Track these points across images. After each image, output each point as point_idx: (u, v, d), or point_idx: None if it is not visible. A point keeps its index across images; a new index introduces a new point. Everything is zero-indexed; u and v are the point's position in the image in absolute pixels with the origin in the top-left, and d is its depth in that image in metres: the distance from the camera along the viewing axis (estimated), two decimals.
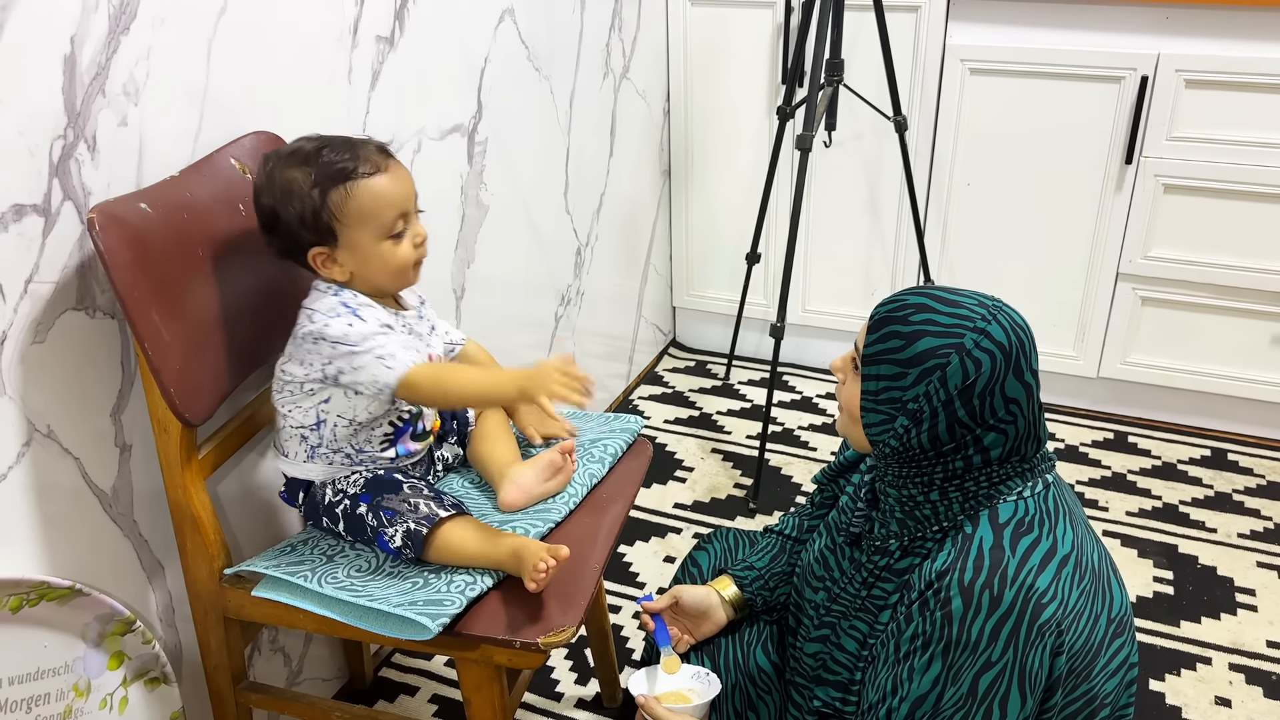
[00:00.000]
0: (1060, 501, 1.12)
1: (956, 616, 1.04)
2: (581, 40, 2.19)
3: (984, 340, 1.07)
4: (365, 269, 1.24)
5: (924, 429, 1.09)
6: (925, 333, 1.08)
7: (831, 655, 1.21)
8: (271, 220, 1.22)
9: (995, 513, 1.09)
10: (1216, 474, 2.35)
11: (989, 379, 1.07)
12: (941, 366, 1.07)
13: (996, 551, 1.06)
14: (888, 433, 1.11)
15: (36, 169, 1.12)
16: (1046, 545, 1.06)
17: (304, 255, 1.23)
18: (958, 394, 1.07)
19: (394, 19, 1.62)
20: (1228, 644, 1.87)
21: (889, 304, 1.12)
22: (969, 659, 1.04)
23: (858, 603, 1.19)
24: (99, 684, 1.27)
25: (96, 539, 1.27)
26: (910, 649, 1.08)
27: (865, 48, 2.37)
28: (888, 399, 1.10)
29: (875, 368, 1.10)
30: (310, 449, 1.30)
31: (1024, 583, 1.03)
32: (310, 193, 1.19)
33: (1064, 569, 1.06)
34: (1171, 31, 2.18)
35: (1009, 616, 1.02)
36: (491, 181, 1.96)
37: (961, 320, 1.08)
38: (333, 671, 1.76)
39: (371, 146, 1.23)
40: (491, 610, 1.21)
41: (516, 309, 2.15)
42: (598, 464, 1.46)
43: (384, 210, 1.21)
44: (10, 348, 1.13)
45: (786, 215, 2.61)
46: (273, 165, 1.22)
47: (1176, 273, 2.34)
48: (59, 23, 1.12)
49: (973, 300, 1.10)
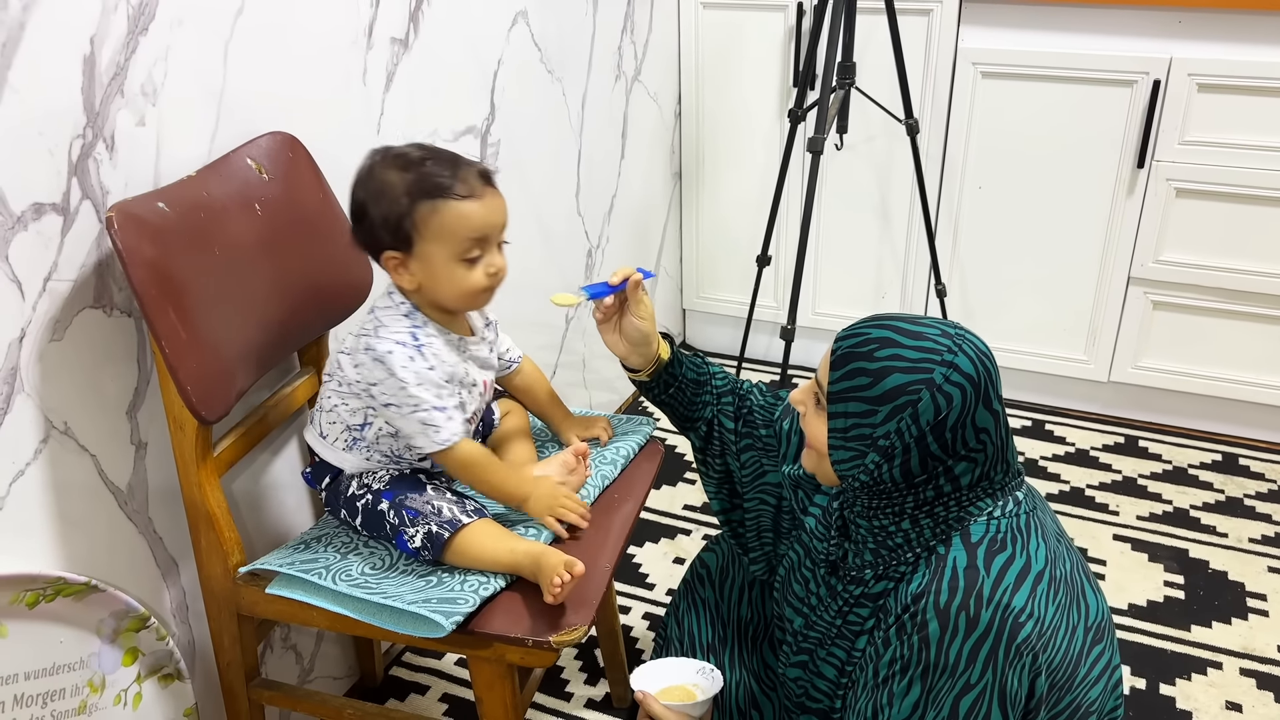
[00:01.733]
0: (1030, 516, 1.10)
1: (934, 639, 1.03)
2: (594, 43, 2.20)
3: (953, 374, 1.05)
4: (433, 284, 1.25)
5: (896, 464, 1.07)
6: (893, 369, 1.05)
7: (812, 684, 1.21)
8: (359, 212, 1.24)
9: (967, 533, 1.08)
10: (1228, 478, 2.34)
11: (960, 412, 1.05)
12: (913, 403, 1.04)
13: (971, 572, 1.04)
14: (857, 468, 1.09)
15: (56, 168, 1.13)
16: (1020, 562, 1.05)
17: (379, 254, 1.25)
18: (930, 429, 1.05)
19: (408, 21, 1.63)
20: (1239, 649, 1.87)
21: (850, 338, 1.09)
22: (948, 682, 1.03)
23: (834, 630, 1.18)
24: (113, 680, 1.27)
25: (112, 535, 1.28)
26: (889, 673, 1.07)
27: (877, 51, 2.37)
28: (857, 435, 1.08)
29: (843, 405, 1.08)
30: (352, 440, 1.32)
31: (1000, 602, 1.02)
32: (400, 199, 1.21)
33: (1039, 585, 1.05)
34: (1184, 35, 2.18)
35: (986, 637, 1.02)
36: (504, 183, 1.95)
37: (928, 354, 1.05)
38: (344, 670, 1.77)
39: (474, 170, 1.24)
40: (504, 609, 1.22)
41: (528, 310, 2.15)
42: (610, 465, 1.46)
43: (464, 233, 1.23)
44: (29, 345, 1.14)
45: (797, 218, 2.62)
46: (375, 161, 1.24)
47: (1188, 277, 2.33)
48: (79, 24, 1.13)
49: (936, 330, 1.08)
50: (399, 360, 1.23)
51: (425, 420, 1.24)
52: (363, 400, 1.28)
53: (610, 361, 2.55)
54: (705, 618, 1.46)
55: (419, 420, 1.24)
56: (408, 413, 1.24)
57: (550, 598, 1.19)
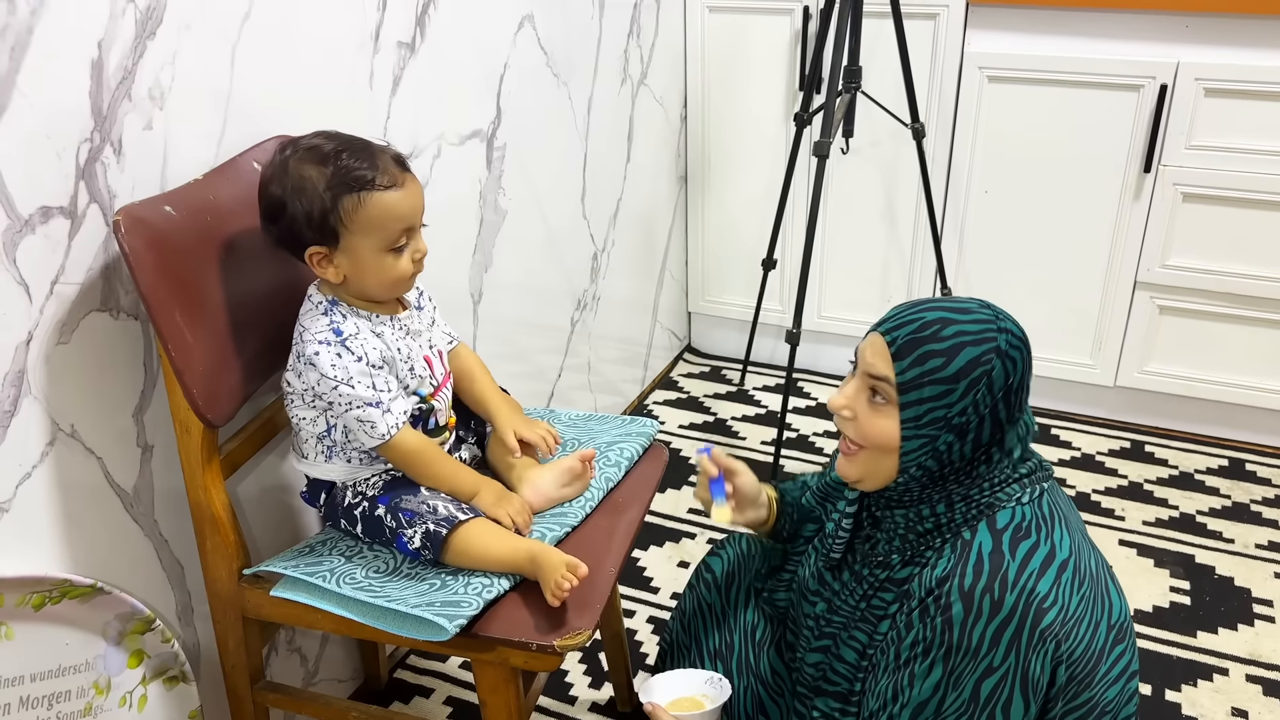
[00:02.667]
0: (1055, 508, 1.12)
1: (957, 621, 1.04)
2: (600, 46, 2.20)
3: (1011, 338, 1.08)
4: (360, 276, 1.24)
5: (969, 440, 1.08)
6: (964, 344, 1.06)
7: (831, 666, 1.21)
8: (276, 210, 1.22)
9: (993, 520, 1.09)
10: (1234, 484, 2.34)
11: (1022, 373, 1.08)
12: (987, 373, 1.06)
13: (996, 556, 1.05)
14: (927, 455, 1.09)
15: (63, 171, 1.14)
16: (1045, 550, 1.06)
17: (301, 250, 1.23)
18: (1001, 396, 1.07)
19: (415, 25, 1.63)
20: (1245, 655, 1.86)
21: (907, 325, 1.08)
22: (970, 664, 1.04)
23: (857, 614, 1.18)
24: (119, 682, 1.28)
25: (118, 538, 1.29)
26: (910, 655, 1.08)
27: (883, 54, 2.37)
28: (930, 420, 1.07)
29: (917, 392, 1.07)
30: (328, 449, 1.31)
31: (1025, 587, 1.03)
32: (322, 194, 1.19)
33: (1063, 574, 1.05)
34: (1191, 40, 2.17)
35: (1010, 621, 1.02)
36: (509, 187, 1.98)
37: (984, 324, 1.07)
38: (348, 672, 1.77)
39: (389, 157, 1.23)
40: (508, 612, 1.22)
41: (533, 313, 2.16)
42: (613, 468, 1.46)
43: (391, 224, 1.22)
44: (36, 348, 1.14)
45: (803, 222, 2.62)
46: (288, 156, 1.22)
47: (1195, 282, 2.33)
48: (87, 28, 1.13)
49: (973, 303, 1.10)
50: (325, 361, 1.23)
51: (360, 417, 1.24)
52: (315, 407, 1.28)
53: (615, 365, 2.56)
54: (711, 622, 1.46)
55: (355, 418, 1.24)
56: (343, 411, 1.24)
57: (553, 600, 1.19)
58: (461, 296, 1.88)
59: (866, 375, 1.11)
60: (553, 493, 1.37)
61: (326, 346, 1.23)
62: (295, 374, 1.26)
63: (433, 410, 1.35)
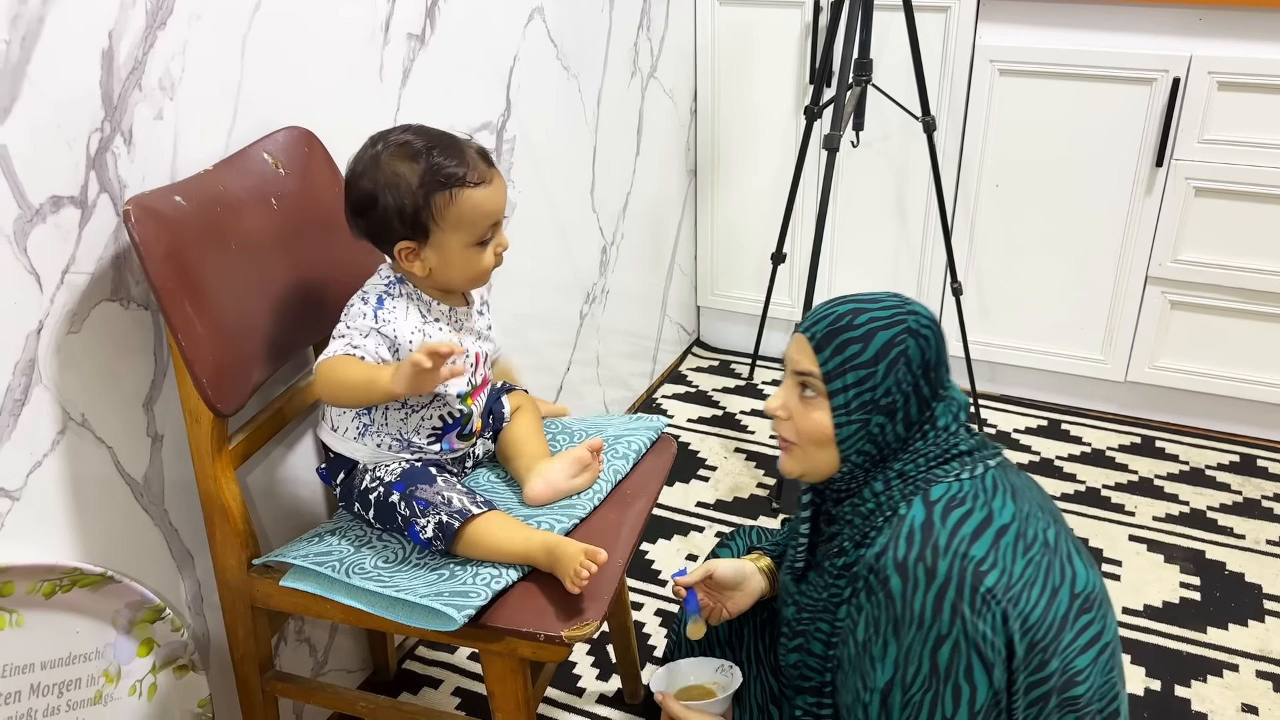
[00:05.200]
0: (1000, 482, 1.13)
1: (897, 594, 1.06)
2: (610, 39, 2.20)
3: (919, 318, 1.14)
4: (446, 269, 1.26)
5: (899, 419, 1.12)
6: (876, 329, 1.12)
7: (805, 662, 1.22)
8: (367, 204, 1.23)
9: (927, 494, 1.11)
10: (1245, 480, 2.33)
11: (936, 350, 1.14)
12: (904, 352, 1.12)
13: (926, 527, 1.08)
14: (862, 439, 1.13)
15: (74, 161, 1.14)
16: (980, 516, 1.08)
17: (389, 244, 1.25)
18: (921, 372, 1.12)
19: (425, 17, 1.63)
20: (1255, 651, 1.86)
21: (822, 320, 1.15)
22: (919, 635, 1.05)
23: (820, 605, 1.20)
24: (129, 670, 1.28)
25: (128, 527, 1.29)
26: (866, 637, 1.09)
27: (894, 48, 2.36)
28: (859, 404, 1.12)
29: (841, 380, 1.12)
30: (363, 426, 1.32)
31: (957, 551, 1.05)
32: (415, 190, 1.21)
33: (1003, 538, 1.07)
34: (1204, 33, 2.16)
35: (948, 586, 1.04)
36: (519, 179, 1.97)
37: (893, 309, 1.14)
38: (357, 663, 1.77)
39: (475, 152, 1.25)
40: (516, 603, 1.22)
41: (542, 306, 2.16)
42: (622, 460, 1.46)
43: (480, 220, 1.25)
44: (46, 337, 1.15)
45: (813, 215, 2.61)
46: (380, 151, 1.23)
47: (1206, 276, 2.32)
48: (97, 17, 1.13)
49: (882, 293, 1.17)
50: (354, 305, 1.27)
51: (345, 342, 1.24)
52: None
53: (624, 359, 2.56)
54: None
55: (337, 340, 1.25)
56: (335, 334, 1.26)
57: (573, 587, 1.19)
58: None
59: (795, 373, 1.17)
60: (562, 484, 1.37)
61: (363, 303, 1.27)
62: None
63: (470, 416, 1.36)
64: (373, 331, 1.25)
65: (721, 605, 1.37)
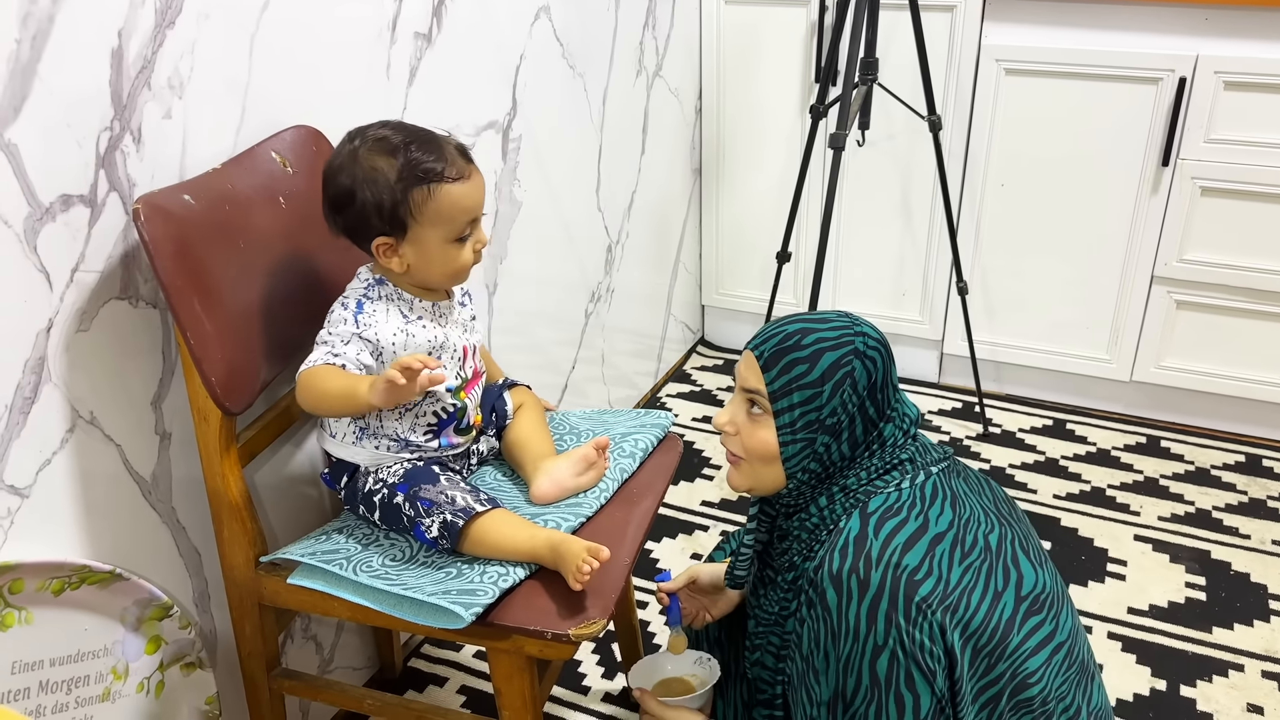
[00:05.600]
0: (941, 489, 1.14)
1: (833, 607, 1.07)
2: (615, 38, 2.20)
3: (868, 340, 1.15)
4: (425, 265, 1.26)
5: (844, 439, 1.13)
6: (823, 349, 1.13)
7: (760, 676, 1.23)
8: (345, 199, 1.23)
9: (865, 506, 1.12)
10: (1251, 480, 2.33)
11: (883, 372, 1.14)
12: (849, 374, 1.12)
13: (860, 539, 1.08)
14: (808, 458, 1.14)
15: (84, 160, 1.14)
16: (914, 526, 1.09)
17: (367, 240, 1.25)
18: (867, 394, 1.13)
19: (431, 16, 1.64)
20: (1260, 651, 1.86)
21: (769, 339, 1.15)
22: (856, 646, 1.05)
23: (771, 618, 1.21)
24: (137, 667, 1.29)
25: (136, 525, 1.30)
26: (808, 651, 1.10)
27: (900, 47, 2.36)
28: (805, 424, 1.13)
29: (787, 399, 1.13)
30: (359, 430, 1.32)
31: (890, 561, 1.05)
32: (393, 185, 1.21)
33: (938, 546, 1.08)
34: (1211, 33, 2.16)
35: (881, 596, 1.04)
36: (525, 178, 1.98)
37: (842, 330, 1.14)
38: (363, 661, 1.78)
39: (453, 148, 1.25)
40: (523, 601, 1.22)
41: (547, 305, 2.16)
42: (628, 459, 1.47)
43: (459, 215, 1.25)
44: (56, 335, 1.15)
45: (818, 214, 2.61)
46: (358, 146, 1.23)
47: (1212, 276, 2.31)
48: (107, 16, 1.14)
49: (831, 314, 1.18)
50: (335, 310, 1.27)
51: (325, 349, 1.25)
52: None
53: (629, 357, 2.56)
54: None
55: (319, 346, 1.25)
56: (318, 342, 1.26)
57: (576, 584, 1.20)
58: (476, 288, 1.88)
59: (743, 390, 1.17)
60: (568, 482, 1.37)
61: (343, 308, 1.27)
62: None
63: (464, 410, 1.36)
64: (354, 337, 1.25)
65: (705, 610, 1.38)
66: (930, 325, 2.65)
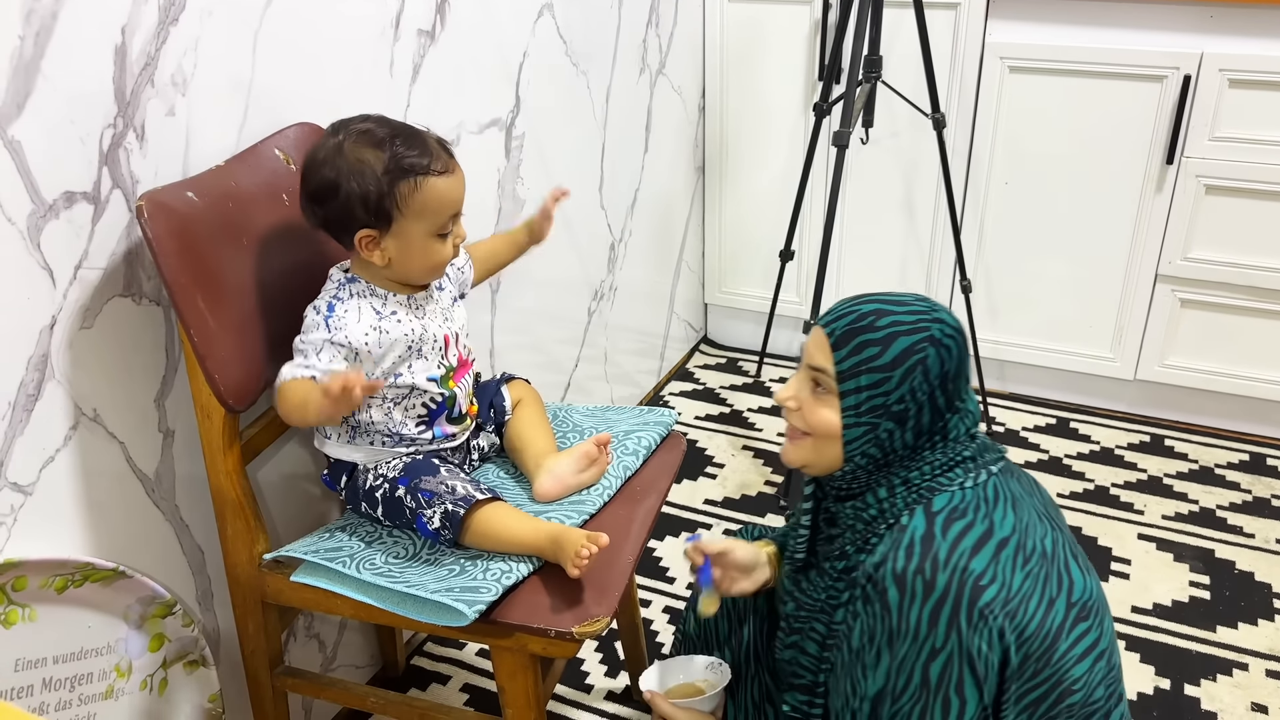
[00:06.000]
0: (1002, 490, 1.12)
1: (894, 605, 1.05)
2: (619, 36, 2.20)
3: (945, 327, 1.10)
4: (406, 259, 1.26)
5: (909, 427, 1.10)
6: (897, 333, 1.09)
7: (798, 661, 1.22)
8: (328, 191, 1.22)
9: (930, 504, 1.10)
10: (1255, 479, 2.32)
11: (958, 362, 1.10)
12: (922, 361, 1.08)
13: (927, 539, 1.06)
14: (869, 442, 1.11)
15: (87, 157, 1.14)
16: (981, 529, 1.07)
17: (350, 233, 1.24)
18: (939, 383, 1.09)
19: (435, 13, 1.63)
20: (1265, 650, 1.85)
21: (844, 317, 1.11)
22: (913, 648, 1.04)
23: (817, 605, 1.19)
24: (140, 665, 1.29)
25: (139, 522, 1.29)
26: (860, 644, 1.09)
27: (904, 44, 2.36)
28: (870, 408, 1.09)
29: (854, 380, 1.09)
30: (351, 430, 1.32)
31: (957, 565, 1.04)
32: (380, 177, 1.21)
33: (1003, 551, 1.06)
34: (1215, 30, 2.15)
35: (945, 600, 1.03)
36: (528, 176, 1.97)
37: (920, 314, 1.10)
38: (366, 659, 1.78)
39: (436, 142, 1.25)
40: (526, 599, 1.22)
41: (550, 303, 2.16)
42: (631, 456, 1.46)
43: (443, 209, 1.25)
44: (59, 332, 1.15)
45: (821, 212, 2.61)
46: (342, 140, 1.22)
47: (1217, 275, 2.31)
48: (110, 13, 1.14)
49: (909, 296, 1.13)
50: (308, 313, 1.27)
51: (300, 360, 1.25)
52: None
53: (632, 356, 2.56)
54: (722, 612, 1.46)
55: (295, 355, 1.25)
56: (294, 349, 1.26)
57: (575, 571, 1.20)
58: (479, 286, 1.88)
59: (809, 367, 1.14)
60: (570, 479, 1.37)
61: (315, 312, 1.27)
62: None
63: (454, 398, 1.35)
64: (325, 344, 1.24)
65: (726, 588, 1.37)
66: None
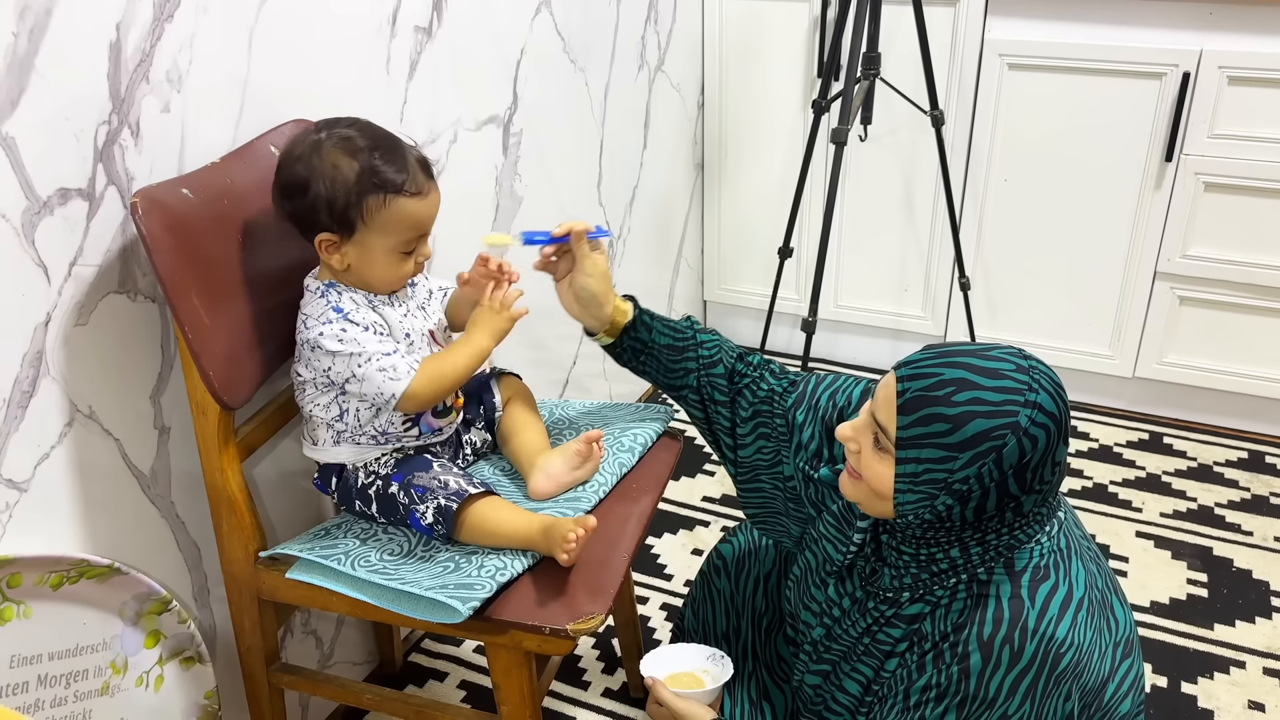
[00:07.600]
0: (1070, 535, 1.08)
1: (974, 671, 1.01)
2: (617, 33, 2.20)
3: (1037, 414, 0.98)
4: (365, 269, 1.25)
5: (970, 506, 1.01)
6: (975, 414, 0.98)
7: (833, 695, 1.19)
8: (298, 188, 1.21)
9: (1011, 562, 1.04)
10: (1253, 476, 2.32)
11: (1044, 453, 0.99)
12: (998, 449, 0.98)
13: (1015, 603, 1.02)
14: (923, 509, 1.03)
15: (82, 153, 1.14)
16: (1064, 591, 1.03)
17: (312, 232, 1.24)
18: (1012, 472, 0.99)
19: (432, 10, 1.63)
20: (1262, 648, 1.85)
21: (920, 379, 1.01)
22: (986, 713, 1.02)
23: (860, 647, 1.14)
24: (136, 662, 1.29)
25: (135, 519, 1.29)
26: (922, 699, 1.05)
27: (903, 41, 2.35)
28: (929, 480, 1.01)
29: (915, 451, 1.00)
30: (336, 434, 1.32)
31: (1045, 634, 1.00)
32: (350, 187, 1.20)
33: (1079, 613, 1.03)
34: (1215, 27, 2.15)
35: (1029, 670, 1.00)
36: (526, 173, 1.97)
37: (1010, 395, 0.98)
38: (363, 655, 1.78)
39: (416, 161, 1.24)
40: (521, 596, 1.22)
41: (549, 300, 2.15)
42: (627, 453, 1.46)
43: (408, 229, 1.24)
44: (54, 329, 1.15)
45: (820, 210, 2.60)
46: (322, 139, 1.21)
47: (1215, 272, 2.31)
48: (105, 10, 1.13)
49: (1010, 365, 1.01)
50: (331, 339, 1.23)
51: (382, 367, 1.23)
52: (329, 392, 1.28)
53: None
54: (720, 608, 1.46)
55: (376, 370, 1.23)
56: (364, 376, 1.23)
57: (564, 556, 1.20)
58: None
59: (873, 417, 1.05)
60: (564, 477, 1.37)
61: (329, 325, 1.24)
62: (304, 364, 1.28)
63: None
64: (372, 327, 1.24)
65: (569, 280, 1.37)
66: (932, 321, 2.64)
